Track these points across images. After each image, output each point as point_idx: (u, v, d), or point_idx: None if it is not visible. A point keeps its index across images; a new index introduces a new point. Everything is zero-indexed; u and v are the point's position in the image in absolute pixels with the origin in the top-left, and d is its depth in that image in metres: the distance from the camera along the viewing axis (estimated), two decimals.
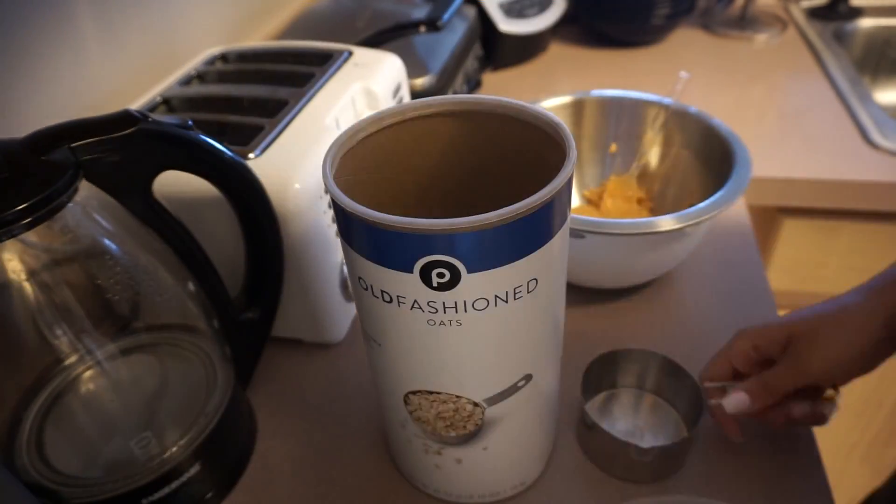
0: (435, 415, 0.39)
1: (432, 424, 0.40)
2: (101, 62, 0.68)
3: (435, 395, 0.38)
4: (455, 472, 0.43)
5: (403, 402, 0.40)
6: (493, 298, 0.33)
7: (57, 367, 0.45)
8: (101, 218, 0.41)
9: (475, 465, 0.42)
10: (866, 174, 0.77)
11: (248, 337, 0.52)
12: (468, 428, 0.39)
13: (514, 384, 0.38)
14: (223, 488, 0.48)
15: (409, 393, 0.39)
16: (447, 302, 0.33)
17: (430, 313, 0.34)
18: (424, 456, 0.43)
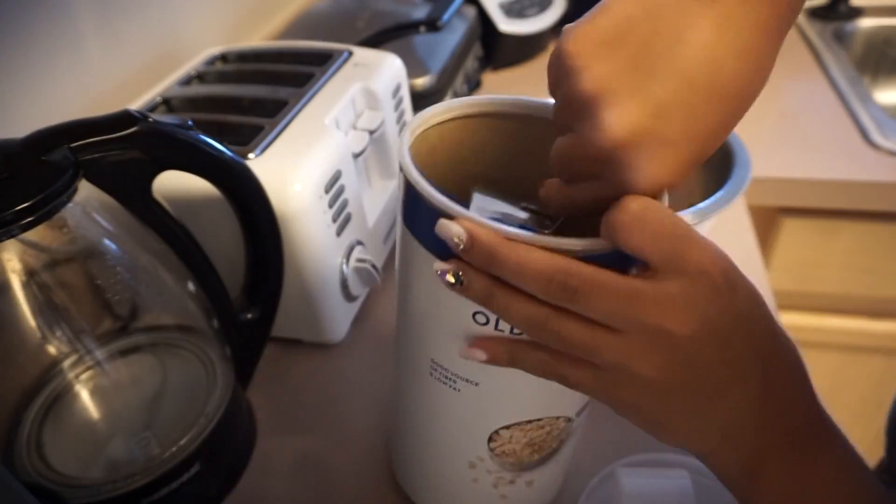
0: (525, 444, 0.37)
1: (517, 455, 0.38)
2: (101, 62, 0.68)
3: (534, 423, 0.36)
4: (523, 496, 0.41)
5: (486, 441, 0.37)
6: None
7: (57, 367, 0.45)
8: (101, 218, 0.41)
9: (543, 484, 0.41)
10: (866, 174, 0.77)
11: (248, 337, 0.52)
12: (553, 446, 0.38)
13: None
14: (223, 488, 0.48)
15: (502, 428, 0.36)
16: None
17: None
18: (491, 490, 0.40)
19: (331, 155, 0.53)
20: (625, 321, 0.26)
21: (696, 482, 0.42)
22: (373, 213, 0.64)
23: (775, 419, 0.29)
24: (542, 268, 0.26)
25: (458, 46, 0.87)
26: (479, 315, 0.30)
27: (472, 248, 0.27)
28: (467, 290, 0.28)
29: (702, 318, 0.26)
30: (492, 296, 0.28)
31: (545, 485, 0.42)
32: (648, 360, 0.27)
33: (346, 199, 0.56)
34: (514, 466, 0.39)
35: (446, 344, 0.33)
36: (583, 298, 0.26)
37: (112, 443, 0.45)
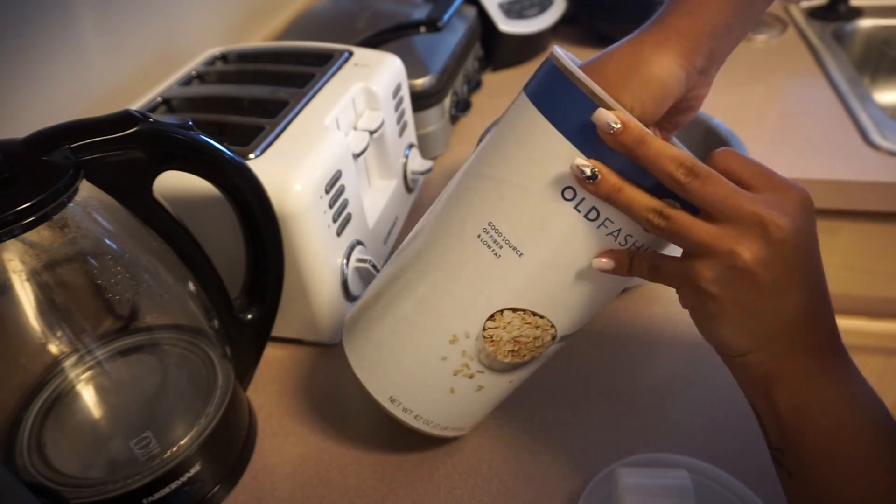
0: (513, 337, 0.39)
1: (498, 346, 0.40)
2: (101, 62, 0.68)
3: (537, 318, 0.39)
4: (462, 400, 0.43)
5: (487, 318, 0.39)
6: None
7: (57, 367, 0.45)
8: (102, 218, 0.41)
9: (487, 396, 0.43)
10: (866, 174, 0.77)
11: (248, 337, 0.52)
12: (526, 357, 0.41)
13: (576, 332, 0.41)
14: (223, 488, 0.48)
15: (509, 309, 0.38)
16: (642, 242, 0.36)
17: (621, 245, 0.36)
18: (448, 377, 0.42)
19: (331, 155, 0.53)
20: (727, 208, 0.31)
21: (696, 482, 0.42)
22: (373, 213, 0.64)
23: (811, 328, 0.33)
24: (677, 154, 0.32)
25: (458, 46, 0.87)
26: (567, 190, 0.35)
27: (624, 132, 0.32)
28: (598, 184, 0.33)
29: (791, 220, 0.31)
30: (619, 189, 0.33)
31: (486, 400, 0.44)
32: (740, 246, 0.31)
33: (346, 200, 0.56)
34: (486, 359, 0.41)
35: (517, 212, 0.37)
36: (700, 182, 0.32)
37: (112, 442, 0.45)
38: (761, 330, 0.33)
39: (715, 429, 0.49)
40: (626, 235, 0.36)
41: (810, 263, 0.33)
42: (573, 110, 0.34)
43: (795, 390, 0.33)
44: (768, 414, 0.34)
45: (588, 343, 0.57)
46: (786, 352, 0.33)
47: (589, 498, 0.44)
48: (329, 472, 0.49)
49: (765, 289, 0.32)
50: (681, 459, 0.46)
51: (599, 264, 0.36)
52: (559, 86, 0.35)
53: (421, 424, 0.44)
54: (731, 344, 0.34)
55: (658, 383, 0.53)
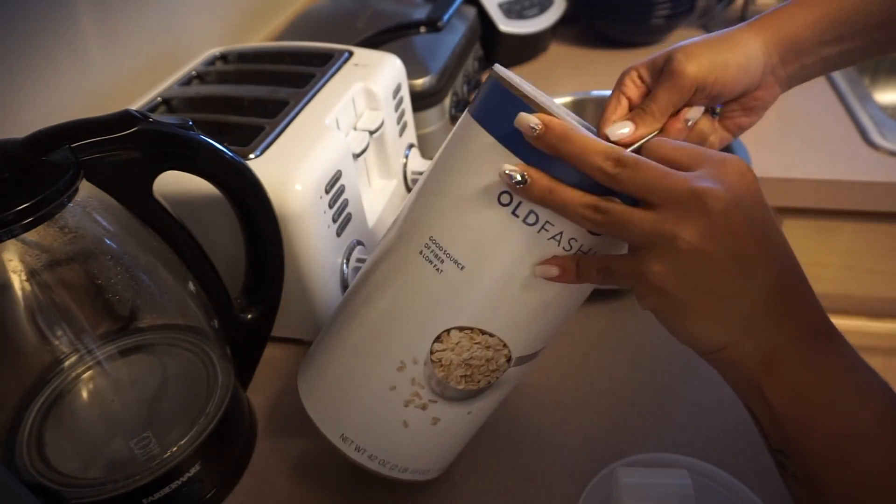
0: (463, 360, 0.37)
1: (449, 371, 0.37)
2: (101, 62, 0.68)
3: (486, 336, 0.36)
4: (418, 435, 0.40)
5: (434, 339, 0.37)
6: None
7: (57, 367, 0.45)
8: (101, 218, 0.41)
9: (443, 432, 0.40)
10: (866, 174, 0.77)
11: (248, 337, 0.52)
12: (481, 384, 0.38)
13: (538, 351, 0.39)
14: (223, 488, 0.48)
15: (455, 328, 0.36)
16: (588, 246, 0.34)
17: (565, 250, 0.34)
18: (400, 409, 0.39)
19: (331, 155, 0.53)
20: (660, 190, 0.30)
21: (696, 482, 0.42)
22: (373, 213, 0.64)
23: (794, 309, 0.31)
24: (603, 147, 0.31)
25: (458, 47, 0.87)
26: (503, 195, 0.34)
27: (547, 132, 0.32)
28: (529, 188, 0.33)
29: (728, 192, 0.30)
30: (551, 191, 0.32)
31: (446, 436, 0.41)
32: (681, 226, 0.30)
33: (346, 200, 0.56)
34: (437, 386, 0.38)
35: (456, 223, 0.36)
36: (630, 170, 0.31)
37: (112, 443, 0.45)
38: (733, 315, 0.31)
39: (715, 429, 0.49)
40: (570, 239, 0.34)
41: (767, 233, 0.31)
42: (506, 115, 0.33)
43: (791, 383, 0.31)
44: (765, 414, 0.32)
45: (588, 343, 0.57)
46: (770, 338, 0.31)
47: (589, 498, 0.44)
48: (329, 472, 0.49)
49: (722, 267, 0.30)
50: (681, 459, 0.46)
51: (542, 271, 0.34)
52: (495, 95, 0.35)
53: (377, 466, 0.41)
54: (703, 338, 0.32)
55: (658, 383, 0.53)
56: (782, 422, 0.31)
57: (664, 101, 0.41)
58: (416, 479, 0.43)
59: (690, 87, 0.41)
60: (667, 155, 0.32)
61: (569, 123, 0.32)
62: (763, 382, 0.31)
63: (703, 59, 0.40)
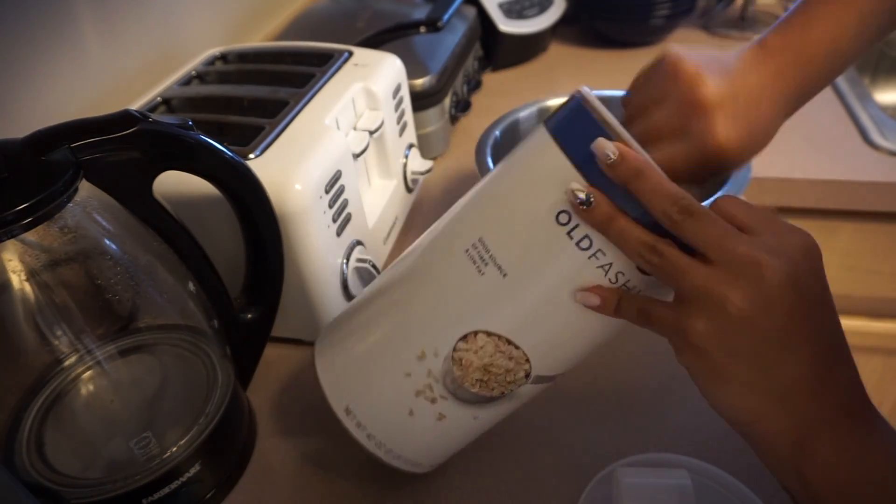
0: (483, 364, 0.37)
1: (467, 372, 0.37)
2: (101, 62, 0.68)
3: (511, 347, 0.36)
4: (420, 427, 0.40)
5: (460, 337, 0.37)
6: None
7: (57, 368, 0.45)
8: (101, 218, 0.41)
9: (446, 430, 0.41)
10: (866, 174, 0.77)
11: (248, 337, 0.52)
12: (495, 392, 0.38)
13: (556, 375, 0.39)
14: (223, 488, 0.48)
15: (483, 332, 0.36)
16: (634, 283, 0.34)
17: (611, 283, 0.34)
18: (410, 397, 0.39)
19: (331, 155, 0.53)
20: (721, 249, 0.30)
21: (696, 482, 0.42)
22: (373, 213, 0.64)
23: (833, 387, 0.30)
24: (675, 192, 0.31)
25: (458, 47, 0.87)
26: (562, 215, 0.34)
27: (622, 164, 0.31)
28: (592, 211, 0.32)
29: (790, 262, 0.29)
30: (613, 219, 0.32)
31: (447, 436, 0.41)
32: (734, 290, 0.29)
33: (346, 200, 0.56)
34: (451, 384, 0.38)
35: (509, 230, 0.36)
36: (694, 220, 0.30)
37: (112, 443, 0.45)
38: (771, 387, 0.30)
39: (715, 429, 0.49)
40: (618, 272, 0.34)
41: (819, 312, 0.31)
42: (583, 137, 0.33)
43: (831, 463, 0.29)
44: (804, 495, 0.30)
45: None
46: (806, 416, 0.30)
47: (589, 498, 0.44)
48: (329, 472, 0.49)
49: (767, 338, 0.29)
50: (681, 459, 0.46)
51: (584, 297, 0.34)
52: (576, 115, 0.35)
53: (372, 446, 0.42)
54: (737, 407, 0.31)
55: (658, 383, 0.53)
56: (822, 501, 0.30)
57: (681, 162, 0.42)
58: (405, 468, 0.43)
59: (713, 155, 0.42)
60: (735, 214, 0.32)
61: (644, 158, 0.32)
62: (802, 462, 0.30)
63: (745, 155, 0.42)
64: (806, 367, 0.30)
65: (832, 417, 0.30)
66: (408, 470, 0.43)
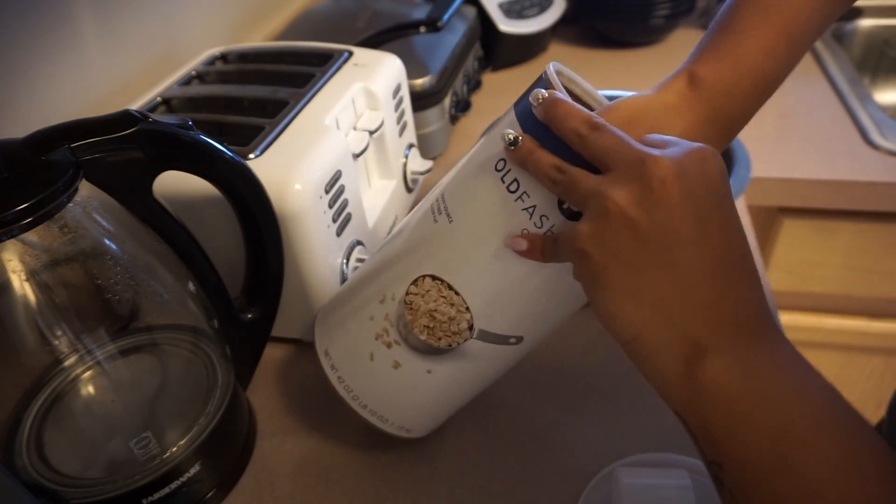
0: (429, 310, 0.39)
1: (416, 317, 0.40)
2: (101, 62, 0.68)
3: (451, 293, 0.39)
4: (379, 373, 0.43)
5: (412, 281, 0.40)
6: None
7: (57, 368, 0.45)
8: (101, 218, 0.41)
9: (403, 380, 0.42)
10: (866, 174, 0.77)
11: (248, 337, 0.52)
12: (441, 343, 0.40)
13: (508, 336, 0.40)
14: (223, 488, 0.48)
15: (429, 276, 0.39)
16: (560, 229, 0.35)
17: (536, 227, 0.35)
18: (371, 340, 0.42)
19: (331, 155, 0.53)
20: (614, 154, 0.31)
21: (696, 482, 0.42)
22: (373, 213, 0.64)
23: (724, 302, 0.28)
24: (585, 114, 0.33)
25: (458, 47, 0.87)
26: (499, 162, 0.37)
27: (543, 101, 0.34)
28: (518, 149, 0.35)
29: (674, 165, 0.29)
30: (532, 152, 0.34)
31: (402, 384, 0.43)
32: (615, 188, 0.29)
33: (346, 200, 0.56)
34: (403, 328, 0.41)
35: (461, 182, 0.39)
36: (598, 132, 0.32)
37: (112, 443, 0.45)
38: (649, 293, 0.29)
39: None
40: (542, 216, 0.35)
41: (707, 217, 0.29)
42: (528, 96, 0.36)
43: (718, 383, 0.27)
44: (694, 420, 0.29)
45: (588, 343, 0.57)
46: (691, 330, 0.28)
47: (589, 498, 0.44)
48: (329, 472, 0.49)
49: (644, 237, 0.28)
50: (681, 459, 0.46)
51: (513, 242, 0.36)
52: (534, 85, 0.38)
53: (343, 391, 0.44)
54: (618, 316, 0.30)
55: None
56: (711, 427, 0.28)
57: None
58: (375, 423, 0.45)
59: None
60: (648, 139, 0.33)
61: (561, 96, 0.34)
62: (689, 382, 0.28)
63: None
64: (687, 274, 0.28)
65: (720, 332, 0.28)
66: (377, 425, 0.45)
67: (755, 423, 0.27)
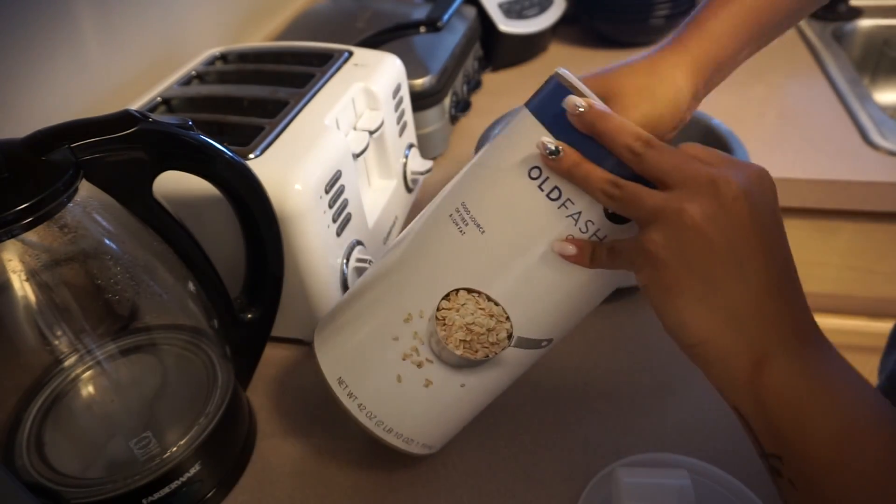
0: (466, 323, 0.38)
1: (450, 332, 0.38)
2: (101, 62, 0.68)
3: (491, 304, 0.37)
4: (409, 394, 0.41)
5: (443, 296, 0.38)
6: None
7: (57, 368, 0.45)
8: (101, 218, 0.41)
9: (434, 398, 0.41)
10: (866, 174, 0.77)
11: (248, 337, 0.52)
12: (479, 355, 0.39)
13: (542, 340, 0.39)
14: (223, 488, 0.48)
15: (464, 289, 0.38)
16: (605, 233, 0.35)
17: (581, 232, 0.35)
18: (397, 361, 0.40)
19: (331, 155, 0.53)
20: (680, 173, 0.31)
21: (696, 482, 0.42)
22: (373, 213, 0.64)
23: (784, 310, 0.31)
24: (638, 130, 0.33)
25: (458, 47, 0.87)
26: (534, 170, 0.36)
27: (589, 111, 0.34)
28: (560, 160, 0.35)
29: (742, 183, 0.31)
30: (578, 164, 0.34)
31: (437, 405, 0.41)
32: (690, 203, 0.30)
33: (346, 200, 0.56)
34: (436, 345, 0.39)
35: (487, 191, 0.38)
36: (656, 151, 0.32)
37: (112, 443, 0.45)
38: (721, 304, 0.31)
39: (715, 429, 0.49)
40: (587, 221, 0.35)
41: (770, 233, 0.32)
42: (554, 102, 0.36)
43: (786, 386, 0.30)
44: (758, 417, 0.31)
45: (588, 343, 0.57)
46: (759, 339, 0.31)
47: (589, 498, 0.44)
48: (329, 472, 0.49)
49: (718, 252, 0.30)
50: (681, 459, 0.46)
51: (560, 247, 0.36)
52: (549, 88, 0.37)
53: (365, 418, 0.41)
54: (688, 323, 0.32)
55: (658, 383, 0.53)
56: (778, 425, 0.30)
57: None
58: (399, 445, 0.43)
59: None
60: (696, 153, 0.33)
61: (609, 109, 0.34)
62: (755, 384, 0.31)
63: (636, 114, 0.42)
64: (755, 288, 0.31)
65: (784, 340, 0.31)
66: (401, 448, 0.43)
67: (820, 421, 0.30)
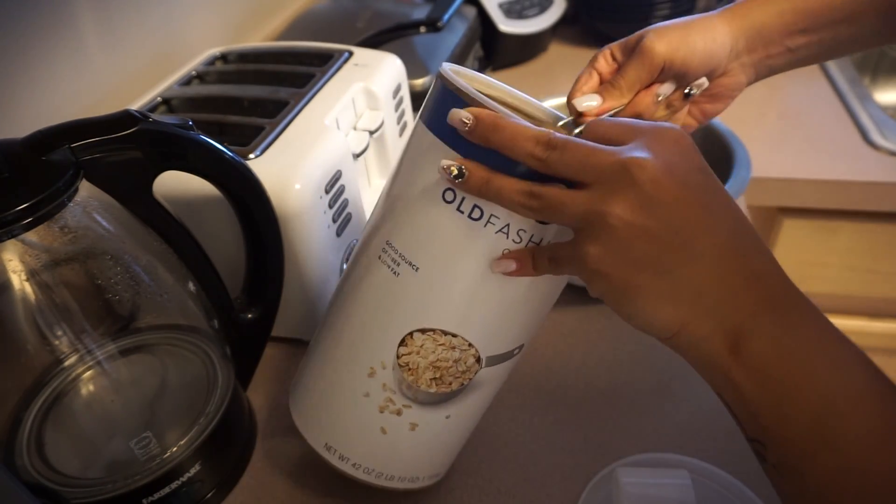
0: (430, 363, 0.37)
1: (418, 374, 0.37)
2: (101, 62, 0.68)
3: (449, 337, 0.36)
4: (398, 441, 0.40)
5: (399, 343, 0.37)
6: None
7: (57, 368, 0.45)
8: (102, 218, 0.41)
9: (423, 437, 0.40)
10: (866, 174, 0.77)
11: (248, 337, 0.52)
12: (453, 386, 0.38)
13: (512, 350, 0.38)
14: (223, 488, 0.48)
15: (417, 331, 0.36)
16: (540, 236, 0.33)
17: (516, 243, 0.33)
18: (376, 416, 0.39)
19: (331, 155, 0.53)
20: (590, 168, 0.29)
21: (696, 482, 0.42)
22: None
23: (750, 279, 0.29)
24: (533, 132, 0.30)
25: (458, 46, 0.87)
26: (447, 192, 0.34)
27: (477, 126, 0.31)
28: (468, 181, 0.32)
29: (656, 159, 0.28)
30: (488, 181, 0.32)
31: (429, 443, 0.40)
32: (610, 202, 0.28)
33: (346, 200, 0.56)
34: (408, 390, 0.38)
35: (407, 225, 0.36)
36: (559, 152, 0.30)
37: (112, 443, 0.45)
38: (681, 290, 0.29)
39: (715, 429, 0.49)
40: (518, 231, 0.33)
41: (707, 200, 0.29)
42: (445, 112, 0.33)
43: (759, 364, 0.28)
44: (736, 401, 0.29)
45: (588, 343, 0.57)
46: (729, 315, 0.28)
47: (589, 498, 0.45)
48: (329, 472, 0.49)
49: (658, 238, 0.28)
50: (681, 459, 0.46)
51: (500, 266, 0.33)
52: (437, 94, 0.35)
53: (362, 474, 0.41)
54: (655, 320, 0.30)
55: (658, 383, 0.53)
56: (755, 408, 0.28)
57: (632, 76, 0.44)
58: (406, 487, 0.42)
59: (658, 65, 0.43)
60: (601, 133, 0.31)
61: (499, 112, 0.31)
62: (730, 366, 0.29)
63: (672, 39, 0.43)
64: (710, 262, 0.28)
65: (756, 311, 0.28)
66: (410, 487, 0.43)
67: (797, 400, 0.27)
